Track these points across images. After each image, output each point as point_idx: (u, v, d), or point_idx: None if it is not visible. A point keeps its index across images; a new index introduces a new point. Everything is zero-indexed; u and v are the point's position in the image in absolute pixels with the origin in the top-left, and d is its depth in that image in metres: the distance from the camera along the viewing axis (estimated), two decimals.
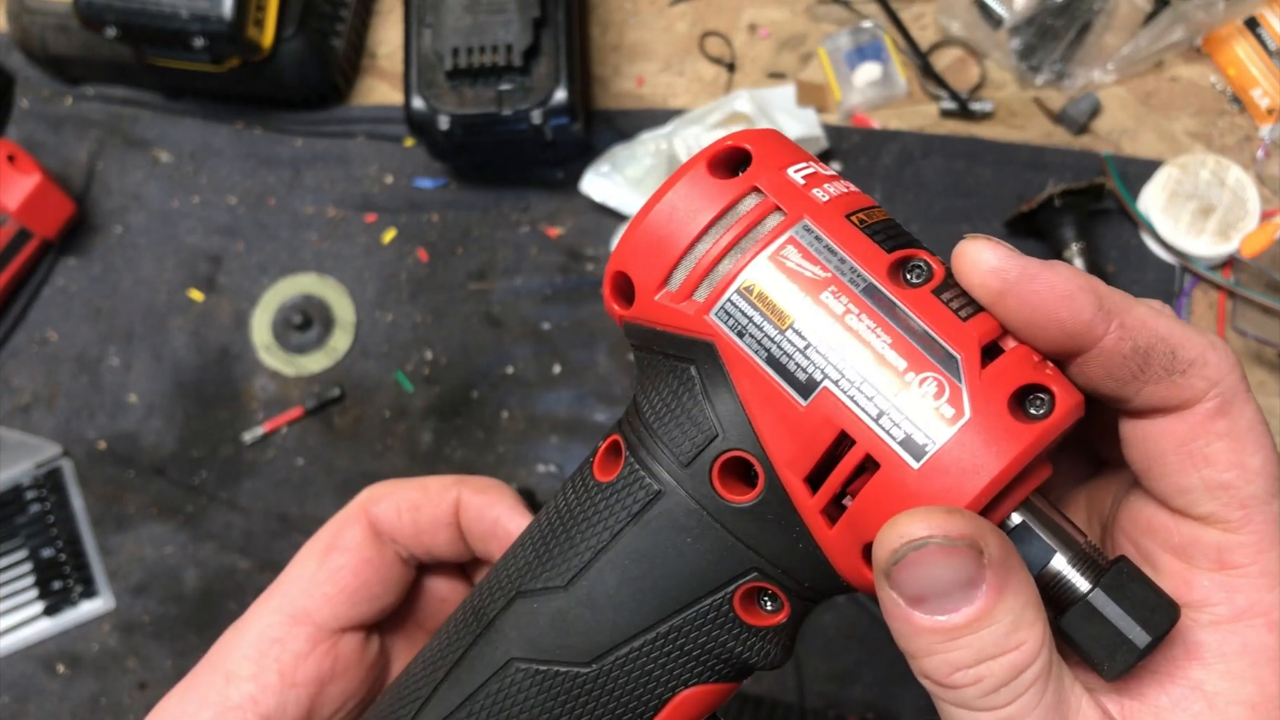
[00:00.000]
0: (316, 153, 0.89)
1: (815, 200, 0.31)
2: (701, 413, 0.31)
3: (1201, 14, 0.85)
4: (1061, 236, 0.82)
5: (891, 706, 0.78)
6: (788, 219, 0.30)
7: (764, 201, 0.31)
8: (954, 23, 0.89)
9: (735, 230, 0.31)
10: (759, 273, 0.30)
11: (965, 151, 0.88)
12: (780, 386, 0.30)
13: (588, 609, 0.32)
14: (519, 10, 0.77)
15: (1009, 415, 0.28)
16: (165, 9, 0.76)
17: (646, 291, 0.32)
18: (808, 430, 0.29)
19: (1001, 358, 0.29)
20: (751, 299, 0.30)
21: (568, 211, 0.87)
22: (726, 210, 0.31)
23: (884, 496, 0.29)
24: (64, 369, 0.85)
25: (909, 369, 0.29)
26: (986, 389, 0.28)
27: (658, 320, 0.32)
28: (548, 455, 0.82)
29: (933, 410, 0.28)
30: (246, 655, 0.39)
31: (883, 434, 0.29)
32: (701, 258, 0.31)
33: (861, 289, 0.30)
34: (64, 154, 0.89)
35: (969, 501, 0.28)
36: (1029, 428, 0.28)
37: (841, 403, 0.29)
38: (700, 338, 0.31)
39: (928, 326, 0.29)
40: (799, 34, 0.91)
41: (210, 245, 0.87)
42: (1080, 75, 0.88)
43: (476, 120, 0.78)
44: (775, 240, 0.30)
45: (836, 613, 0.79)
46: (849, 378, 0.29)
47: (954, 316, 0.29)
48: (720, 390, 0.31)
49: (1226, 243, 0.83)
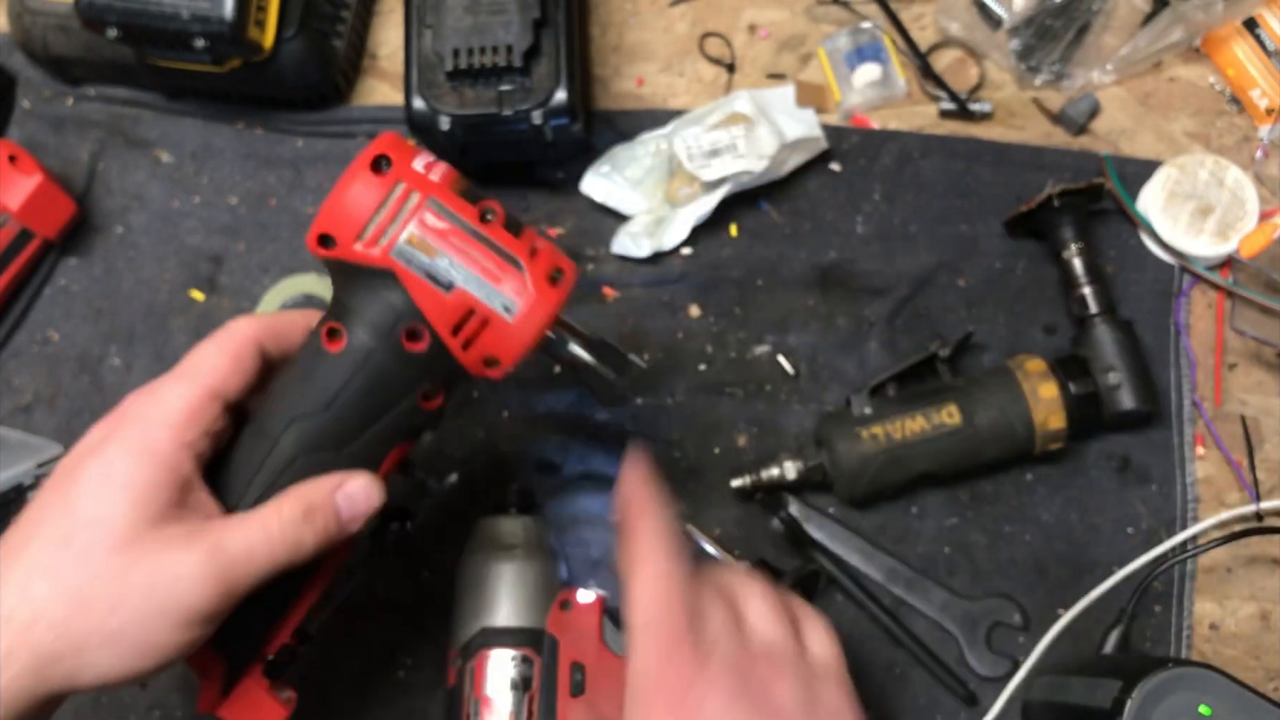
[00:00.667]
0: (317, 153, 0.89)
1: (433, 182, 0.55)
2: (391, 306, 0.55)
3: (1200, 15, 0.85)
4: (1060, 236, 0.82)
5: (890, 706, 0.78)
6: (422, 197, 0.55)
7: (406, 188, 0.55)
8: (953, 23, 0.90)
9: (394, 207, 0.54)
10: (413, 230, 0.55)
11: (964, 152, 0.88)
12: (433, 288, 0.55)
13: (337, 423, 0.56)
14: (519, 11, 0.77)
15: (548, 285, 0.56)
16: (166, 10, 0.76)
17: (346, 243, 0.55)
18: (450, 309, 0.55)
19: (539, 255, 0.56)
20: (413, 244, 0.55)
21: (568, 211, 0.87)
22: (387, 196, 0.54)
23: (494, 337, 0.56)
24: (65, 369, 0.85)
25: (497, 269, 0.55)
26: (535, 274, 0.56)
27: (356, 259, 0.55)
28: (548, 455, 0.83)
29: (513, 290, 0.56)
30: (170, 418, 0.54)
31: (491, 305, 0.56)
32: (380, 224, 0.54)
33: (466, 230, 0.55)
34: (65, 154, 0.89)
35: (534, 334, 0.56)
36: (558, 289, 0.57)
37: (467, 291, 0.55)
38: (386, 268, 0.55)
39: (502, 245, 0.56)
40: (798, 35, 0.92)
41: (211, 245, 0.87)
42: (1079, 76, 0.88)
43: (477, 121, 0.78)
44: (418, 211, 0.54)
45: (836, 612, 0.79)
46: (469, 278, 0.55)
47: (512, 238, 0.56)
48: (400, 293, 0.55)
49: (1225, 243, 0.83)
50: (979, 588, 0.80)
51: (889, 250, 0.86)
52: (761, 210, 0.87)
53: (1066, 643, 0.78)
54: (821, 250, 0.86)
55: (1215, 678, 0.63)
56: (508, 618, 0.71)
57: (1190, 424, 0.83)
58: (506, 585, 0.71)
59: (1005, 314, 0.85)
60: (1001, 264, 0.86)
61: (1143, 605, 0.77)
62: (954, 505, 0.81)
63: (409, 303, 0.55)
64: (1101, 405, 0.78)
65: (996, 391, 0.77)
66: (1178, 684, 0.63)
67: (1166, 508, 0.81)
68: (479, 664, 0.69)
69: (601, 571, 0.80)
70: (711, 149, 0.83)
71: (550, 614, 0.71)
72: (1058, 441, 0.78)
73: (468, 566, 0.74)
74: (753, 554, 0.79)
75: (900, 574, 0.80)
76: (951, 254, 0.86)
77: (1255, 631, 0.80)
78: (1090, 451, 0.82)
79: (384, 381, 0.56)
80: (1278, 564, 0.81)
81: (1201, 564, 0.80)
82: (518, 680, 0.69)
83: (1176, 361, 0.84)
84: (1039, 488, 0.82)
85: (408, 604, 0.80)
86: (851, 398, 0.79)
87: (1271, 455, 0.82)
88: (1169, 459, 0.82)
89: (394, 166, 0.54)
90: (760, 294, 0.86)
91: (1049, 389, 0.76)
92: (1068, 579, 0.80)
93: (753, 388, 0.84)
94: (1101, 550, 0.80)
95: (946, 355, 0.80)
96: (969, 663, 0.78)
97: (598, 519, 0.81)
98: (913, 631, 0.77)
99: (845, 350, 0.84)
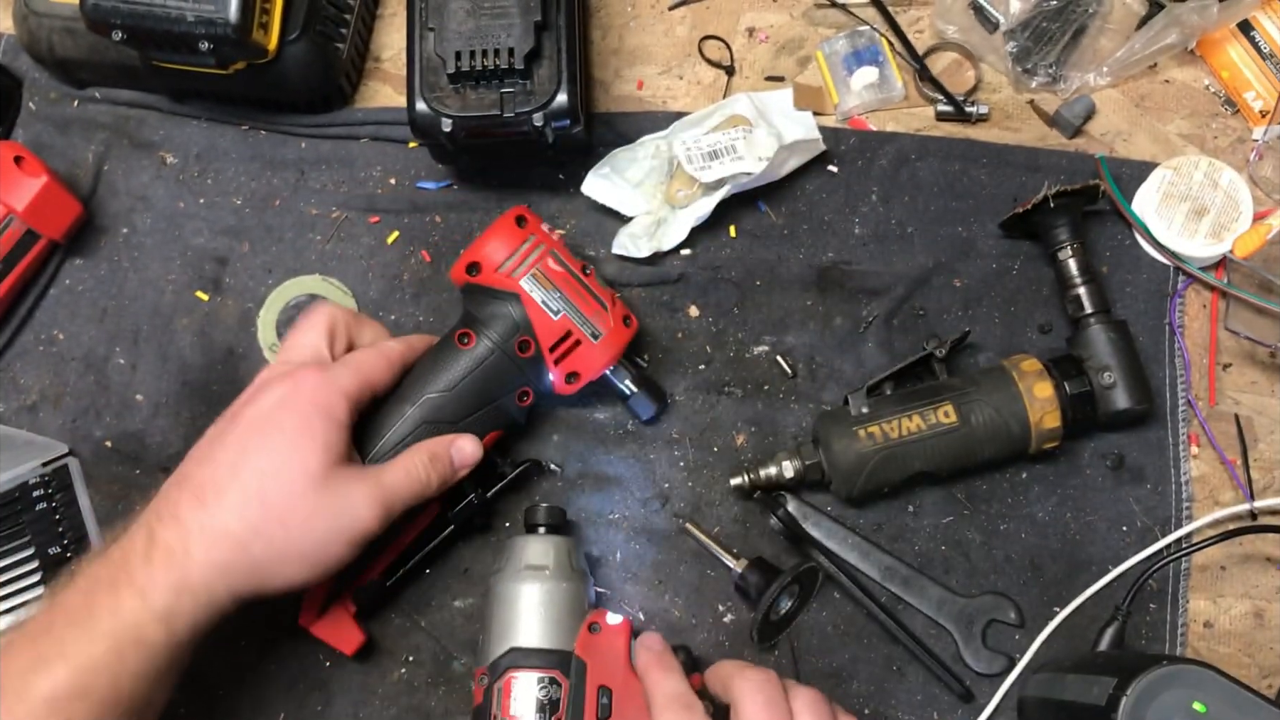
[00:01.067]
0: (321, 155, 0.90)
1: (554, 239, 0.77)
2: (512, 321, 0.75)
3: (1195, 17, 0.85)
4: (1056, 238, 0.83)
5: (887, 702, 0.78)
6: (546, 248, 0.76)
7: (536, 240, 0.76)
8: (950, 27, 0.90)
9: (526, 250, 0.76)
10: (538, 268, 0.75)
11: (961, 154, 0.89)
12: (544, 311, 0.75)
13: (457, 402, 0.74)
14: (521, 14, 0.77)
15: (622, 325, 0.78)
16: (171, 13, 0.77)
17: (489, 270, 0.75)
18: (554, 328, 0.76)
19: (617, 303, 0.79)
20: (536, 278, 0.75)
21: (569, 213, 0.88)
22: (522, 243, 0.76)
23: (581, 355, 0.77)
24: (70, 369, 0.86)
25: (591, 305, 0.77)
26: (615, 315, 0.77)
27: (494, 283, 0.75)
28: (549, 455, 0.83)
29: (599, 322, 0.77)
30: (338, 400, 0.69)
31: (583, 330, 0.76)
32: (515, 260, 0.75)
33: (573, 275, 0.77)
34: (71, 156, 0.90)
35: (610, 358, 0.78)
36: (629, 329, 0.79)
37: (568, 318, 0.76)
38: (514, 292, 0.75)
39: (596, 291, 0.77)
40: (797, 38, 0.92)
41: (216, 246, 0.88)
42: (1075, 78, 0.89)
43: (479, 123, 0.78)
44: (543, 257, 0.76)
45: (833, 609, 0.80)
46: (571, 308, 0.76)
47: (601, 288, 0.78)
48: (521, 312, 0.75)
49: (1219, 244, 0.84)
50: (975, 585, 0.81)
51: (886, 251, 0.87)
52: (760, 211, 0.88)
53: (1062, 640, 0.79)
54: (819, 251, 0.87)
55: (1209, 675, 0.64)
56: (536, 639, 0.71)
57: (1185, 423, 0.83)
58: (535, 606, 0.72)
59: (1001, 314, 0.86)
60: (998, 265, 0.87)
61: (1137, 603, 0.78)
62: (950, 504, 0.82)
63: (526, 320, 0.75)
64: (1096, 404, 0.79)
65: (992, 391, 0.77)
66: (1172, 681, 0.63)
67: (1161, 506, 0.82)
68: (506, 685, 0.70)
69: (601, 570, 0.81)
70: (711, 151, 0.84)
71: (579, 636, 0.71)
72: (1053, 440, 0.78)
73: (497, 586, 0.74)
74: (751, 551, 0.80)
75: (897, 572, 0.81)
76: (948, 254, 0.87)
77: (1249, 629, 0.80)
78: (1085, 450, 0.83)
79: (497, 377, 0.75)
80: (1271, 562, 0.81)
81: (1196, 562, 0.81)
82: (544, 702, 0.69)
83: (1171, 361, 0.84)
84: (1034, 486, 0.82)
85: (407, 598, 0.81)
86: (849, 397, 0.79)
87: (1265, 454, 0.83)
88: (1163, 458, 0.83)
89: (528, 224, 0.76)
90: (759, 294, 0.86)
91: (1044, 388, 0.77)
92: (1063, 577, 0.80)
93: (751, 387, 0.84)
94: (1096, 548, 0.81)
95: (943, 355, 0.81)
96: (965, 659, 0.79)
97: (597, 518, 0.82)
98: (909, 629, 0.78)
99: (843, 350, 0.85)
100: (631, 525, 0.82)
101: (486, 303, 0.75)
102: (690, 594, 0.81)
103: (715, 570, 0.81)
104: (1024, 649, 0.79)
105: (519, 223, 0.76)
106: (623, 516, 0.82)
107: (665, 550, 0.81)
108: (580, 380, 0.77)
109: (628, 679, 0.70)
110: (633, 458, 0.83)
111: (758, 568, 0.77)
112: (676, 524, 0.82)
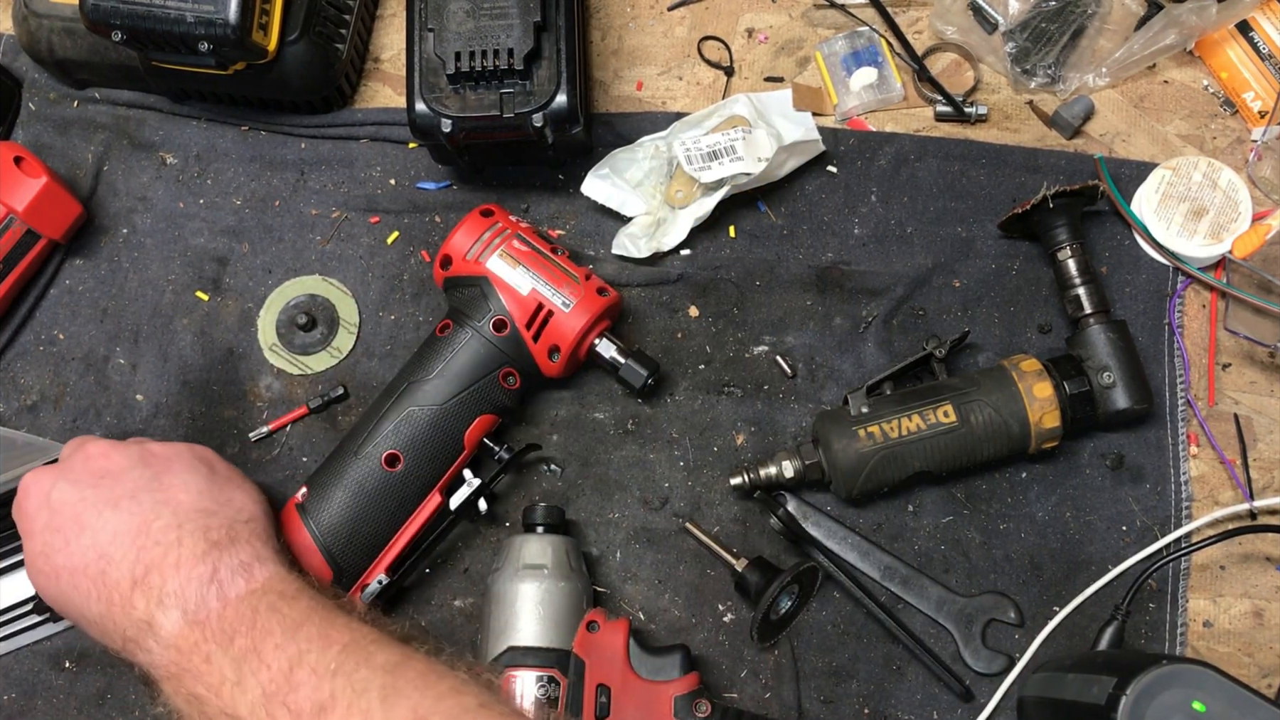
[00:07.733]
0: (321, 155, 0.90)
1: (520, 225, 0.81)
2: (485, 303, 0.78)
3: (1194, 18, 0.86)
4: (1055, 238, 0.83)
5: (887, 701, 0.78)
6: (511, 231, 0.79)
7: (501, 227, 0.79)
8: (949, 27, 0.90)
9: (490, 236, 0.79)
10: (503, 250, 0.79)
11: (960, 154, 0.89)
12: (513, 289, 0.78)
13: (439, 386, 0.77)
14: (520, 15, 0.78)
15: (596, 294, 0.79)
16: (171, 14, 0.77)
17: (459, 259, 0.79)
18: (525, 304, 0.78)
19: (592, 277, 0.80)
20: (502, 259, 0.78)
21: (568, 213, 0.88)
22: (486, 230, 0.79)
23: (556, 326, 0.78)
24: (71, 369, 0.86)
25: (560, 278, 0.78)
26: (588, 286, 0.79)
27: (465, 271, 0.79)
28: (549, 454, 0.83)
29: (570, 292, 0.78)
30: None
31: (554, 301, 0.78)
32: (480, 246, 0.79)
33: (541, 254, 0.79)
34: (71, 156, 0.90)
35: (584, 324, 0.78)
36: (604, 298, 0.79)
37: (538, 290, 0.78)
38: (482, 275, 0.78)
39: (566, 266, 0.79)
40: (796, 39, 0.92)
41: (216, 246, 0.88)
42: (1074, 79, 0.89)
43: (478, 123, 0.79)
44: (507, 240, 0.79)
45: (833, 609, 0.80)
46: (539, 281, 0.78)
47: (573, 265, 0.80)
48: (492, 293, 0.78)
49: (1218, 244, 0.84)
50: (975, 585, 0.81)
51: (885, 251, 0.87)
52: (760, 212, 0.88)
53: (1061, 639, 0.79)
54: (819, 251, 0.87)
55: (1209, 674, 0.64)
56: (535, 637, 0.71)
57: (1184, 423, 0.83)
58: (534, 605, 0.72)
59: (1000, 314, 0.86)
60: (997, 265, 0.87)
61: (1137, 602, 0.78)
62: (950, 503, 0.82)
63: (498, 300, 0.78)
64: (1096, 404, 0.79)
65: (992, 391, 0.77)
66: (1172, 680, 0.63)
67: (1160, 506, 0.82)
68: (505, 683, 0.70)
69: (601, 570, 0.81)
70: (710, 151, 0.84)
71: (578, 635, 0.72)
72: (1052, 440, 0.78)
73: (496, 585, 0.74)
74: (751, 551, 0.80)
75: (897, 571, 0.81)
76: (947, 255, 0.87)
77: (1248, 628, 0.81)
78: (1085, 450, 0.83)
79: (475, 358, 0.78)
80: (1271, 562, 0.81)
81: (1195, 561, 0.81)
82: (543, 701, 0.69)
83: (1170, 361, 0.84)
84: (1034, 486, 0.82)
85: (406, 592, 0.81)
86: (849, 397, 0.80)
87: (1264, 454, 0.83)
88: (1163, 458, 0.83)
89: (494, 215, 0.80)
90: (758, 294, 0.86)
91: (1044, 388, 0.77)
92: (1062, 576, 0.81)
93: (751, 387, 0.85)
94: (1096, 548, 0.81)
95: (942, 355, 0.81)
96: (965, 659, 0.79)
97: (597, 518, 0.82)
98: (909, 628, 0.78)
99: (842, 350, 0.85)
100: (631, 525, 0.82)
101: (461, 292, 0.79)
102: (690, 594, 0.81)
103: (715, 570, 0.81)
104: (1024, 648, 0.79)
105: (484, 214, 0.80)
106: (622, 516, 0.82)
107: (665, 550, 0.82)
108: (562, 354, 0.78)
109: (626, 677, 0.70)
110: (633, 458, 0.83)
111: (758, 567, 0.77)
112: (676, 524, 0.82)
